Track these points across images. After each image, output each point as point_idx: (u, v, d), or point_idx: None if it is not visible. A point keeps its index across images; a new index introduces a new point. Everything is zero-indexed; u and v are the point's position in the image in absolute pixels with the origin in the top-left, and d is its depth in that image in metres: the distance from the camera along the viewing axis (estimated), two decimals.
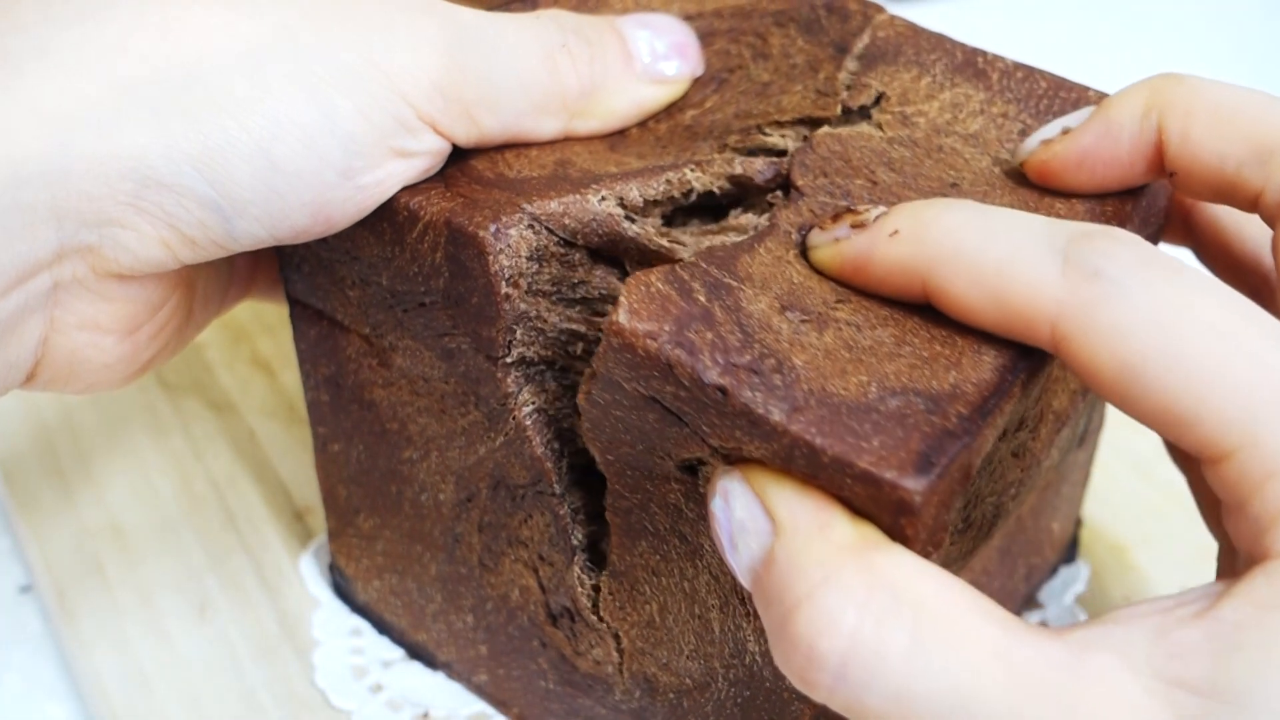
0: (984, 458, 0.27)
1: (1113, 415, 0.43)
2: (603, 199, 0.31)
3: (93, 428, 0.48)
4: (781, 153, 0.33)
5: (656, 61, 0.33)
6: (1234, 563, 0.26)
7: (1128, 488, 0.46)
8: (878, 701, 0.23)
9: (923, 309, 0.27)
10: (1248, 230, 0.33)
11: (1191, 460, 0.35)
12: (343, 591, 0.42)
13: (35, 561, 0.44)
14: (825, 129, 0.32)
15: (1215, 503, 0.33)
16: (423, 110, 0.30)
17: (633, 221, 0.31)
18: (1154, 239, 0.32)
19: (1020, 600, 0.41)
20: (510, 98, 0.31)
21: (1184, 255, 0.31)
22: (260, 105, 0.29)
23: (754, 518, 0.26)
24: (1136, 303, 0.24)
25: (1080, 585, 0.43)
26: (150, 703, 0.40)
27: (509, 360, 0.31)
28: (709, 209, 0.33)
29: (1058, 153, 0.30)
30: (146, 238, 0.29)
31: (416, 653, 0.41)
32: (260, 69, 0.29)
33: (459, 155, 0.32)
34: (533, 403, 0.32)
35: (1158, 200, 0.31)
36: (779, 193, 0.31)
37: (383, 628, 0.42)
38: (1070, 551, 0.44)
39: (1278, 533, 0.23)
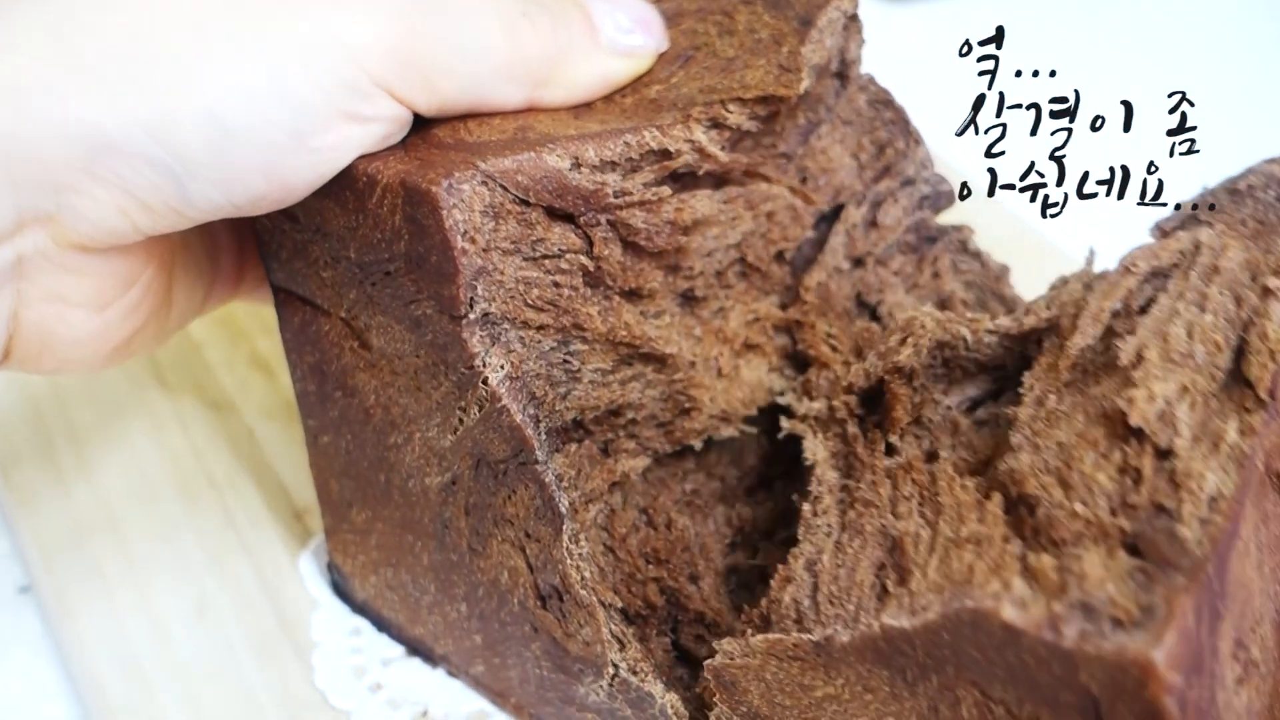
0: None
1: None
2: (558, 156, 0.31)
3: (91, 427, 0.49)
4: (746, 133, 0.33)
5: (620, 35, 0.34)
6: None
7: None
8: None
9: None
10: None
11: None
12: (341, 590, 0.42)
13: (35, 562, 0.44)
14: None
15: None
16: (376, 74, 0.30)
17: (576, 170, 0.31)
18: None
19: None
20: (468, 63, 0.31)
21: None
22: (206, 69, 0.29)
23: None
24: None
25: None
26: (149, 703, 0.40)
27: (472, 317, 0.32)
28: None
29: None
30: (103, 204, 0.30)
31: (415, 648, 0.41)
32: (206, 34, 0.29)
33: (422, 124, 0.32)
34: (502, 367, 0.32)
35: None
36: (1254, 395, 0.26)
37: (381, 624, 0.42)
38: None
39: None
